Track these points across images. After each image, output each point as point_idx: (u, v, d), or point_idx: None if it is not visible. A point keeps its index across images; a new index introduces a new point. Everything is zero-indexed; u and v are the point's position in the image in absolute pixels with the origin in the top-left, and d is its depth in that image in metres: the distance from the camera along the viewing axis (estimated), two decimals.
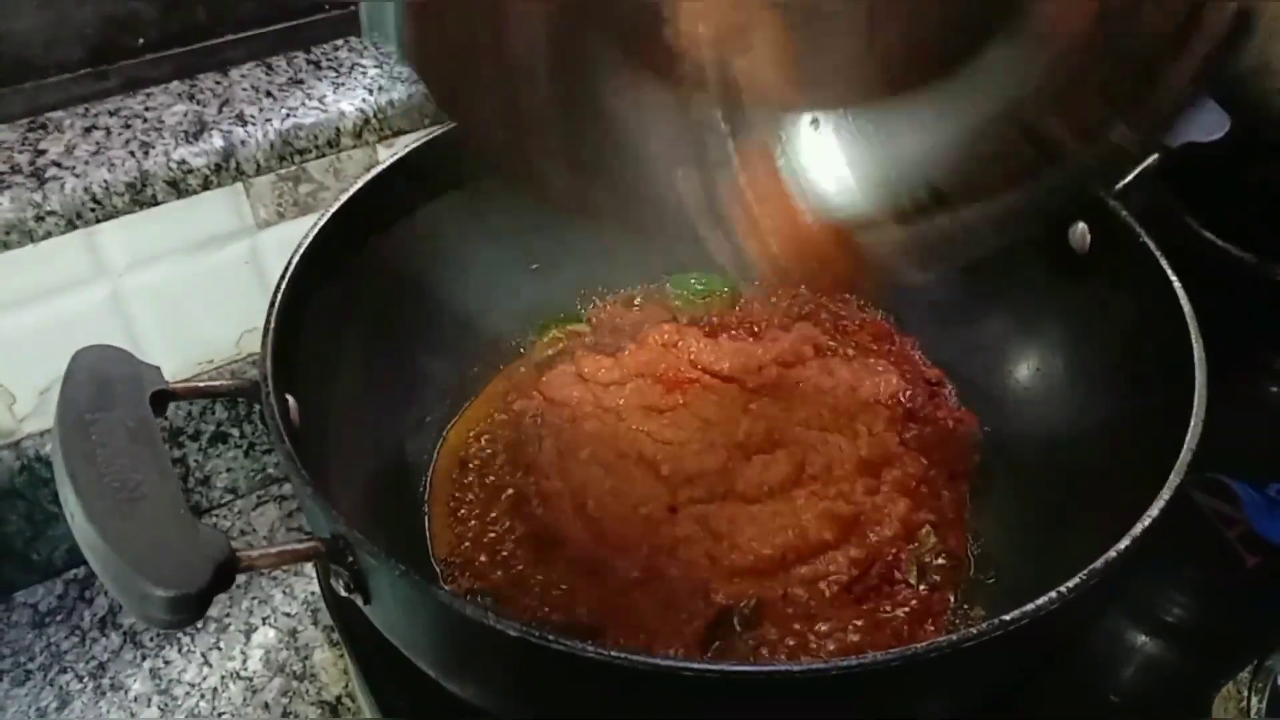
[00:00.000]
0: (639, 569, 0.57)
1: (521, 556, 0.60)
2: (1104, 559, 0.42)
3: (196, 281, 0.70)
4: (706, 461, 0.62)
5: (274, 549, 0.43)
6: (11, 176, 0.61)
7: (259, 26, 0.72)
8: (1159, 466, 0.46)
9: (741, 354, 0.70)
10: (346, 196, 0.59)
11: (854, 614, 0.56)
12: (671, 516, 0.60)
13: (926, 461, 0.64)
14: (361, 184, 0.60)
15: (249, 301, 0.71)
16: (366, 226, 0.62)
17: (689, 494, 0.61)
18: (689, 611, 0.55)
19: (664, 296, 0.77)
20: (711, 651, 0.55)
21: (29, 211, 0.60)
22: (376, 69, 0.72)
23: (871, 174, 0.50)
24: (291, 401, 0.51)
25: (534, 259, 0.73)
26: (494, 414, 0.69)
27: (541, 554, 0.60)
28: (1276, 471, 0.69)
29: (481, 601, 0.58)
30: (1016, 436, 0.66)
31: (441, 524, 0.63)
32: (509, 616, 0.40)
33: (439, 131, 0.65)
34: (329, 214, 0.58)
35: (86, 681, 0.66)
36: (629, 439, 0.64)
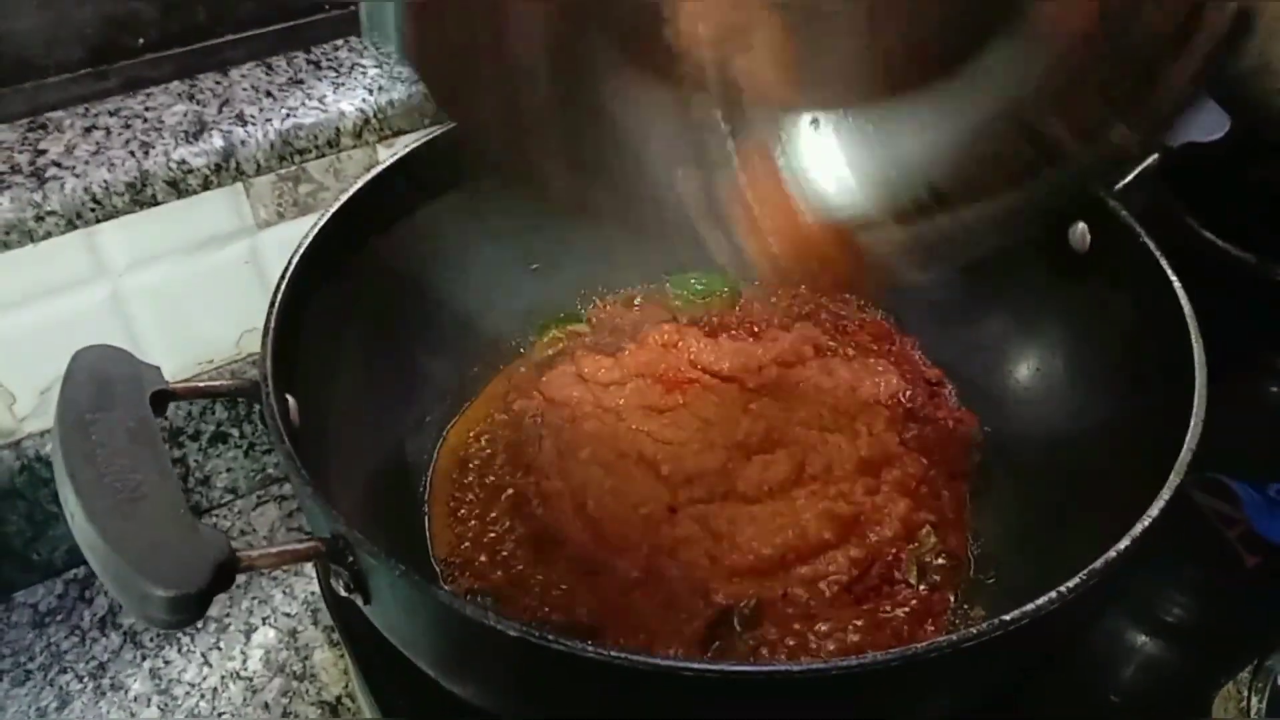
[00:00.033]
0: (639, 569, 0.57)
1: (521, 556, 0.60)
2: (1104, 559, 0.42)
3: (196, 281, 0.70)
4: (706, 461, 0.62)
5: (274, 549, 0.43)
6: (11, 176, 0.61)
7: (259, 26, 0.72)
8: (1159, 466, 0.46)
9: (741, 354, 0.70)
10: (346, 197, 0.59)
11: (854, 614, 0.56)
12: (671, 516, 0.60)
13: (926, 461, 0.64)
14: (361, 184, 0.60)
15: (249, 301, 0.71)
16: (366, 227, 0.62)
17: (689, 494, 0.61)
18: (689, 611, 0.55)
19: (664, 296, 0.77)
20: (711, 651, 0.55)
21: (29, 211, 0.60)
22: (376, 69, 0.72)
23: (871, 174, 0.50)
24: (291, 401, 0.51)
25: (534, 259, 0.73)
26: (494, 414, 0.69)
27: (541, 554, 0.60)
28: (1277, 471, 0.69)
29: (481, 601, 0.58)
30: (1016, 436, 0.66)
31: (441, 524, 0.63)
32: (509, 616, 0.40)
33: (439, 132, 0.65)
34: (329, 214, 0.58)
35: (86, 681, 0.66)
36: (629, 439, 0.64)
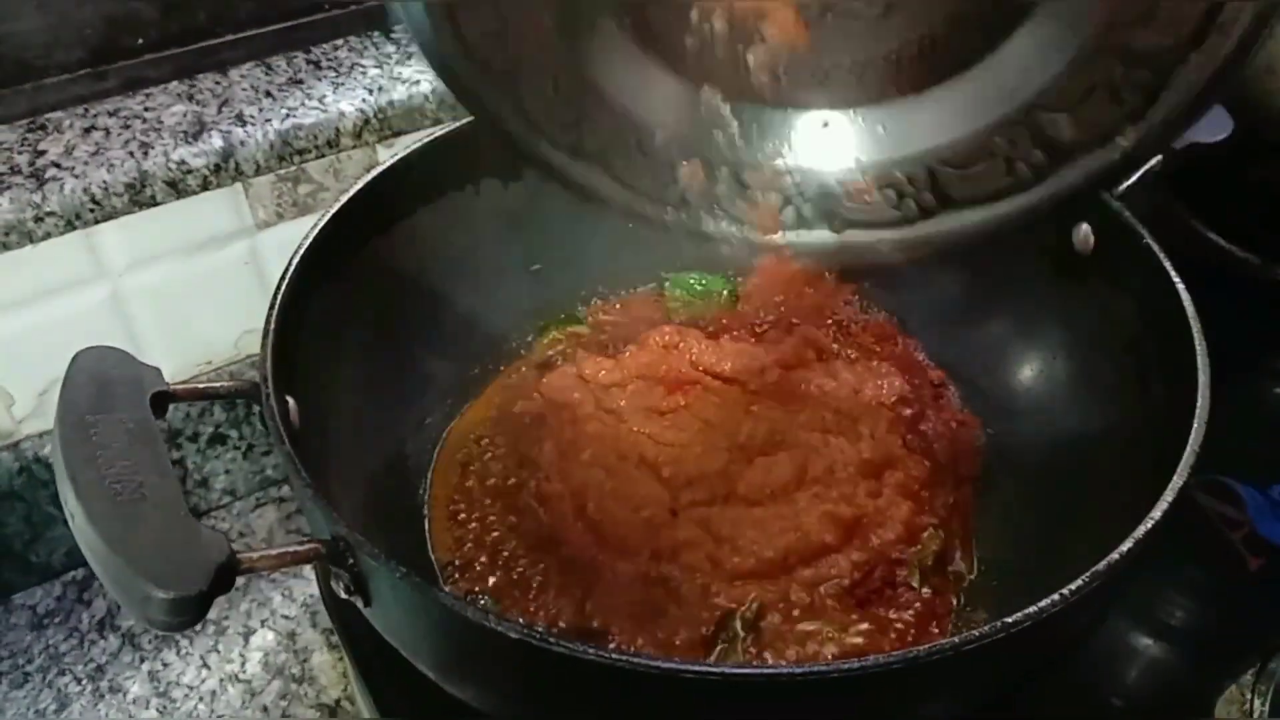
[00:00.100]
0: (640, 571, 0.57)
1: (522, 558, 0.60)
2: (1107, 561, 0.41)
3: (196, 282, 0.69)
4: (708, 464, 0.62)
5: (274, 551, 0.43)
6: (11, 177, 0.61)
7: (258, 26, 0.71)
8: (1162, 468, 0.46)
9: (743, 356, 0.70)
10: (346, 197, 0.59)
11: (856, 617, 0.56)
12: (673, 519, 0.60)
13: (929, 464, 0.64)
14: (361, 185, 0.60)
15: (248, 302, 0.71)
16: (366, 227, 0.61)
17: (690, 496, 0.61)
18: (690, 614, 0.55)
19: (664, 297, 0.77)
20: (714, 654, 0.55)
21: (28, 212, 0.60)
22: (376, 69, 0.72)
23: (880, 174, 0.50)
24: (291, 403, 0.50)
25: (534, 260, 0.72)
26: (494, 415, 0.69)
27: (542, 556, 0.60)
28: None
29: (482, 604, 0.58)
30: (1019, 438, 0.65)
31: (441, 526, 0.63)
32: (509, 619, 0.39)
33: (439, 132, 0.65)
34: (329, 215, 0.58)
35: (85, 684, 0.66)
36: (630, 441, 0.64)
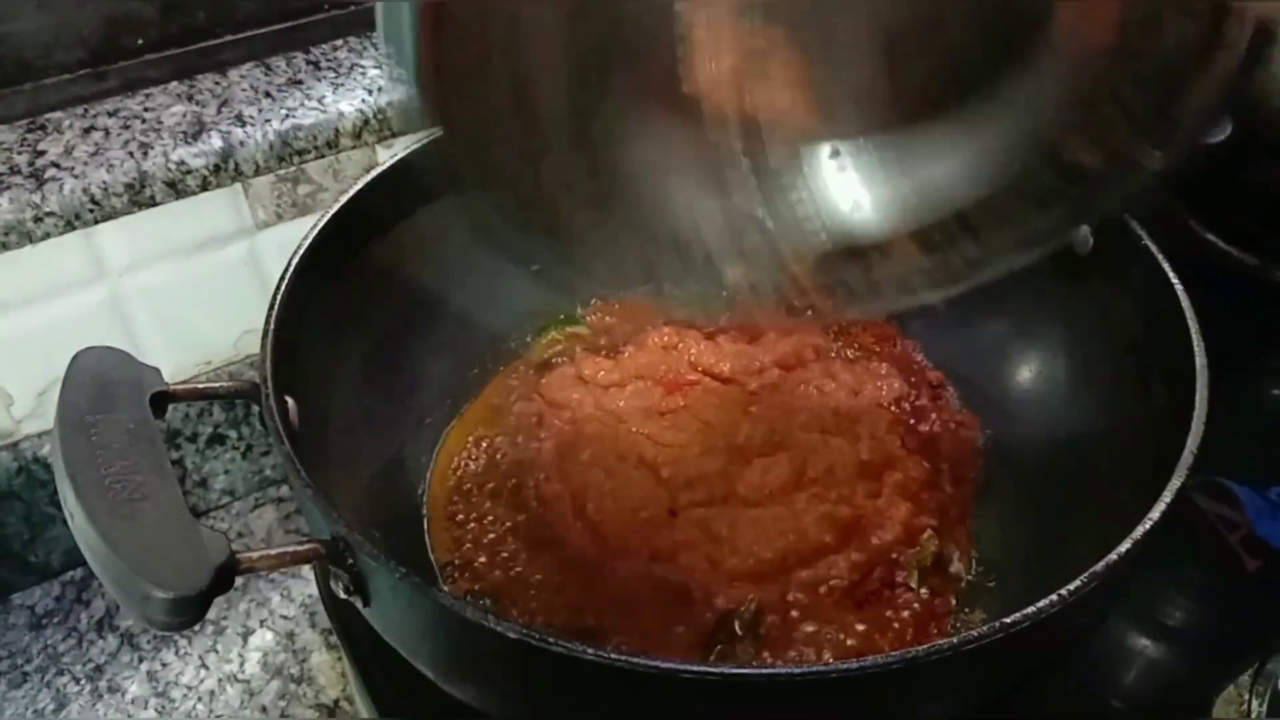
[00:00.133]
0: (639, 572, 0.57)
1: (521, 559, 0.60)
2: (1105, 562, 0.41)
3: (195, 282, 0.69)
4: (707, 464, 0.62)
5: (274, 550, 0.43)
6: (10, 177, 0.61)
7: (258, 27, 0.71)
8: (1160, 469, 0.46)
9: (742, 356, 0.70)
10: (346, 198, 0.59)
11: (855, 617, 0.56)
12: (672, 520, 0.60)
13: (928, 465, 0.64)
14: (361, 185, 0.60)
15: (248, 302, 0.71)
16: (366, 228, 0.61)
17: (689, 497, 0.61)
18: (689, 615, 0.55)
19: (664, 298, 0.76)
20: (713, 655, 0.55)
21: (28, 212, 0.60)
22: (376, 70, 0.71)
23: (894, 202, 0.49)
24: (291, 403, 0.50)
25: (534, 260, 0.72)
26: (493, 416, 0.69)
27: (541, 556, 0.60)
28: (1278, 474, 0.69)
29: (481, 604, 0.58)
30: (1018, 439, 0.65)
31: (441, 525, 0.63)
32: (509, 619, 0.39)
33: (439, 132, 0.65)
34: (328, 215, 0.58)
35: (84, 684, 0.66)
36: (629, 441, 0.64)
